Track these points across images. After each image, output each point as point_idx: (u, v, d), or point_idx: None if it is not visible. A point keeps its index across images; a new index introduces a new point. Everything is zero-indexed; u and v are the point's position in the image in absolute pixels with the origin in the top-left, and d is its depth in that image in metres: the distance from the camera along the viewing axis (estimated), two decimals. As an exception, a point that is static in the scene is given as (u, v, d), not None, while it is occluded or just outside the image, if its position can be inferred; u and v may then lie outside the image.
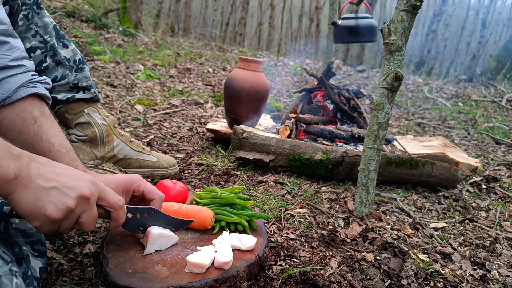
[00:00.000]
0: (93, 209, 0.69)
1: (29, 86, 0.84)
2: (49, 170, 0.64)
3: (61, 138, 0.85)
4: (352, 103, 2.21)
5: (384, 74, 1.22)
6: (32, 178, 0.61)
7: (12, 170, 0.58)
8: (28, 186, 0.60)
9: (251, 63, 1.94)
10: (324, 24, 12.21)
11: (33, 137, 0.82)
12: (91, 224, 0.69)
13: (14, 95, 0.81)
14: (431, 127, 3.23)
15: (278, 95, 3.86)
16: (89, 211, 0.68)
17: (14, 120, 0.82)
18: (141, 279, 0.75)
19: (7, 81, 0.81)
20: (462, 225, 1.38)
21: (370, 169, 1.28)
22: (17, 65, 0.83)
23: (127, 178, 0.86)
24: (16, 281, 0.55)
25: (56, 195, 0.62)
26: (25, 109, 0.83)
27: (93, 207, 0.69)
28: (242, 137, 1.69)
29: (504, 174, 2.05)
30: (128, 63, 3.87)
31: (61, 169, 0.66)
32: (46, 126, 0.84)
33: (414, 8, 1.16)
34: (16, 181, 0.59)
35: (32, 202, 0.60)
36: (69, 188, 0.64)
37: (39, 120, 0.83)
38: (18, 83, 0.82)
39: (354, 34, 2.39)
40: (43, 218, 0.62)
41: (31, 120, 0.83)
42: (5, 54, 0.82)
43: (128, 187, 0.86)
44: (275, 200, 1.37)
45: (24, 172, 0.60)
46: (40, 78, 0.88)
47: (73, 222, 0.66)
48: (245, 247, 0.88)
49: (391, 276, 0.96)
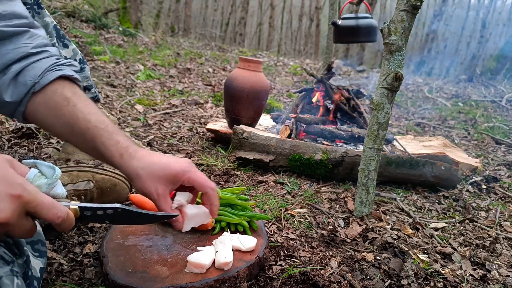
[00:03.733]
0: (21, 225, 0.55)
1: (55, 70, 0.81)
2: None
3: (97, 114, 0.81)
4: (352, 103, 2.21)
5: (384, 74, 1.22)
6: None
7: None
8: None
9: (251, 63, 1.94)
10: (324, 24, 12.20)
11: (69, 117, 0.79)
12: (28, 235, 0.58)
13: (42, 80, 0.79)
14: (431, 127, 3.23)
15: (278, 95, 3.86)
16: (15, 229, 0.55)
17: (48, 104, 0.79)
18: (142, 278, 0.75)
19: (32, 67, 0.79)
20: (462, 225, 1.38)
21: (370, 169, 1.28)
22: (39, 51, 0.81)
23: (178, 168, 0.77)
24: (17, 281, 0.54)
25: None
26: (55, 92, 0.80)
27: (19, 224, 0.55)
28: (242, 137, 1.69)
29: (504, 174, 2.05)
30: (128, 63, 3.88)
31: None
32: (80, 105, 0.80)
33: (414, 8, 1.16)
34: None
35: None
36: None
37: (72, 99, 0.80)
38: (44, 68, 0.79)
39: (354, 34, 2.39)
40: None
41: (64, 101, 0.79)
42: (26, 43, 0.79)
43: (177, 179, 0.77)
44: (275, 200, 1.37)
45: None
46: (65, 61, 0.85)
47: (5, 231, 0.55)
48: (245, 248, 0.88)
49: (391, 276, 0.97)
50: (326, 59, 4.34)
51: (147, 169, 0.75)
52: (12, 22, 0.79)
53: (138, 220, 0.74)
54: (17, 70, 0.78)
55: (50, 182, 0.64)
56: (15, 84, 0.79)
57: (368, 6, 2.68)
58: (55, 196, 0.66)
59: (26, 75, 0.78)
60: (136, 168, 0.76)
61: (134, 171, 0.76)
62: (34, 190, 0.56)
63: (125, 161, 0.76)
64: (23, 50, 0.79)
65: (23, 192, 0.54)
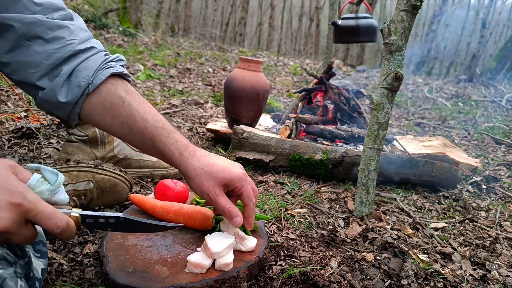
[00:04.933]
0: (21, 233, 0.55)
1: (106, 68, 0.80)
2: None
3: (153, 112, 0.81)
4: (352, 103, 2.21)
5: (384, 74, 1.22)
6: None
7: None
8: None
9: (251, 63, 1.94)
10: (324, 24, 12.21)
11: (127, 118, 0.79)
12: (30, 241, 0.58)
13: (95, 80, 0.78)
14: (431, 127, 3.23)
15: (278, 95, 3.86)
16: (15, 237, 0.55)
17: (104, 105, 0.79)
18: (142, 278, 0.75)
19: (83, 67, 0.78)
20: (462, 225, 1.38)
21: (370, 169, 1.28)
22: (86, 48, 0.79)
23: (234, 175, 0.80)
24: (20, 283, 0.54)
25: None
26: (109, 91, 0.79)
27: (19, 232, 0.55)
28: (242, 137, 1.69)
29: (504, 174, 2.05)
30: (128, 63, 3.88)
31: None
32: (135, 104, 0.80)
33: (414, 8, 1.16)
34: None
35: None
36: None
37: (127, 99, 0.80)
38: (94, 67, 0.78)
39: (354, 34, 2.39)
40: None
41: (119, 101, 0.79)
42: (71, 39, 0.77)
43: (232, 184, 0.80)
44: (275, 200, 1.37)
45: None
46: (113, 57, 0.84)
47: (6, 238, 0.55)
48: (246, 248, 0.88)
49: (391, 276, 0.97)
50: (326, 59, 4.34)
51: (207, 170, 0.78)
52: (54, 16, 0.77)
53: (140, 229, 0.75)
54: (68, 71, 0.77)
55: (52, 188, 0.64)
56: (68, 85, 0.78)
57: (368, 6, 2.69)
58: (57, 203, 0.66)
59: (78, 76, 0.77)
60: (196, 168, 0.78)
61: (194, 171, 0.78)
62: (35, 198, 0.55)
63: (185, 159, 0.79)
64: (70, 48, 0.77)
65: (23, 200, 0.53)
